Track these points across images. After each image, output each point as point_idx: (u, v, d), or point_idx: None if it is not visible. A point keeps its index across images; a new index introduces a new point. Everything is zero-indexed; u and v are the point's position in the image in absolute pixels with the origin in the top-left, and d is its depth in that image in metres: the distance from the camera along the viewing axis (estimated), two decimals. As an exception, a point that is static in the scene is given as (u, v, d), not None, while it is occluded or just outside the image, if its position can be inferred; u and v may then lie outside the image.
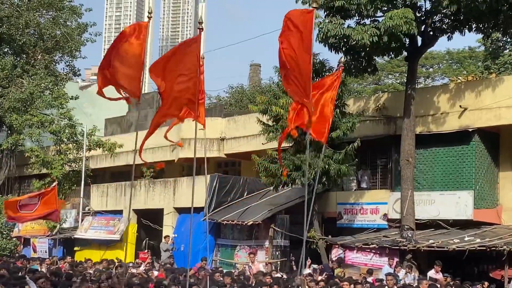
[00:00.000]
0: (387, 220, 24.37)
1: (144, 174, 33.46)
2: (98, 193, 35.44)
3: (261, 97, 25.51)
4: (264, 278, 18.07)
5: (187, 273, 12.84)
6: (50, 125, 35.67)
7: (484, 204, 22.69)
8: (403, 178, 22.58)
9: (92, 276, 18.31)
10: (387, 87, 46.97)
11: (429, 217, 23.02)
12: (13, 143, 37.05)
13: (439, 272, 19.68)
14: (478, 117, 22.71)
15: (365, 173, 25.94)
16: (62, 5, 39.71)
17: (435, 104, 23.89)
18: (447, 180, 23.17)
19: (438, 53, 51.15)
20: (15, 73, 37.16)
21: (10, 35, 37.77)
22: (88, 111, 43.95)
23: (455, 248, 20.22)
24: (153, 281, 17.70)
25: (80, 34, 40.61)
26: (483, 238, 20.88)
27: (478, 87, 23.31)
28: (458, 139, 23.01)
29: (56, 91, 37.23)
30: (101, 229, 32.55)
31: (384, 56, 25.42)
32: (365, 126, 24.60)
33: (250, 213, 26.32)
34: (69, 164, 35.94)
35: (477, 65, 48.07)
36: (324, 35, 21.53)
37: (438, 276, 19.47)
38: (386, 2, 21.74)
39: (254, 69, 69.84)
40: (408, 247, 21.33)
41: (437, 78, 51.35)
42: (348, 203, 25.72)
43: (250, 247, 25.93)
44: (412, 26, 20.71)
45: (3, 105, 36.02)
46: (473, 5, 20.44)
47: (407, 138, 22.47)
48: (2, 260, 25.23)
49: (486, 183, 22.89)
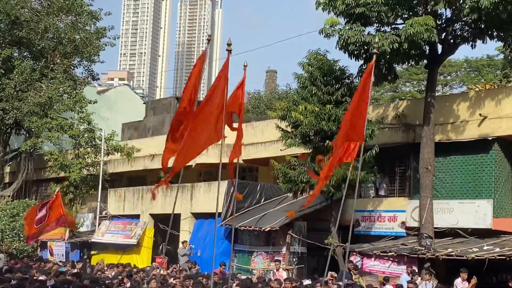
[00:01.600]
0: (405, 228, 24.32)
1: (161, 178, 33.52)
2: (115, 197, 35.57)
3: (280, 103, 25.55)
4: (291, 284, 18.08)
5: (211, 277, 12.78)
6: (70, 129, 35.91)
7: (503, 213, 22.65)
8: (422, 186, 22.54)
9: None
10: (404, 95, 46.87)
11: (447, 226, 22.97)
12: (32, 146, 37.24)
13: (466, 281, 19.56)
14: (498, 126, 22.65)
15: (384, 181, 25.91)
16: (81, 10, 39.93)
17: (454, 112, 23.86)
18: (466, 188, 23.14)
19: (456, 61, 51.00)
20: (34, 77, 37.38)
21: (30, 39, 38.02)
22: (105, 116, 44.19)
23: (474, 257, 20.14)
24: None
25: (99, 38, 40.83)
26: (502, 248, 20.79)
27: (498, 95, 23.27)
28: (477, 148, 22.98)
29: (75, 95, 37.45)
30: (118, 233, 32.71)
31: (404, 64, 25.38)
32: (384, 134, 24.60)
33: (267, 219, 26.36)
34: (87, 168, 36.17)
35: (495, 73, 47.88)
36: (344, 42, 21.57)
37: (465, 284, 19.36)
38: (406, 10, 21.80)
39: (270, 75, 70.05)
40: (427, 255, 21.26)
41: (455, 86, 51.18)
42: (366, 211, 25.71)
43: (267, 253, 25.97)
44: (433, 34, 20.72)
45: (22, 109, 36.22)
46: (494, 13, 20.41)
47: (426, 146, 22.45)
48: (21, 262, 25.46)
49: (505, 192, 22.85)
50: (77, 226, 34.58)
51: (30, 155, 39.34)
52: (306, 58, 24.41)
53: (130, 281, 18.65)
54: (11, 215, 35.33)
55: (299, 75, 24.56)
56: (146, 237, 32.01)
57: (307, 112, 22.96)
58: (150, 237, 31.96)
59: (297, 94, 25.18)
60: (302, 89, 24.27)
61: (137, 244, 31.59)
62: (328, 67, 23.77)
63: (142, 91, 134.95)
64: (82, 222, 35.99)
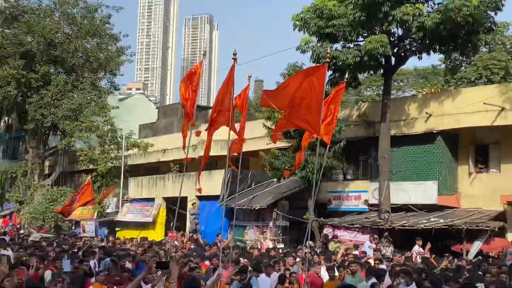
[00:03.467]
0: (367, 205, 24.37)
1: (172, 169, 33.53)
2: (135, 184, 35.50)
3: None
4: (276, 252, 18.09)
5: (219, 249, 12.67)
6: (96, 130, 35.89)
7: (446, 192, 22.72)
8: (381, 171, 22.61)
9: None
10: (366, 98, 46.90)
11: (402, 202, 23.02)
12: (66, 144, 37.17)
13: (421, 247, 19.21)
14: (441, 122, 22.73)
15: (350, 167, 25.98)
16: (104, 33, 39.80)
17: (406, 111, 23.91)
18: (416, 172, 23.19)
19: (407, 70, 51.01)
20: (67, 88, 37.22)
21: (63, 58, 37.84)
22: (125, 119, 44.01)
23: (423, 227, 20.28)
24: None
25: (119, 56, 40.70)
26: (445, 219, 20.91)
27: (440, 97, 23.37)
28: (424, 140, 23.04)
29: (100, 102, 37.38)
30: (137, 213, 32.70)
31: (365, 73, 25.42)
32: (350, 130, 24.61)
33: (257, 200, 26.37)
34: (111, 161, 36.14)
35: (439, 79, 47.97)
36: (316, 56, 21.60)
37: (421, 249, 18.99)
38: (366, 30, 21.81)
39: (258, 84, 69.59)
40: (385, 226, 21.36)
41: (406, 90, 51.23)
42: (336, 191, 25.75)
43: (258, 227, 26.01)
44: (387, 49, 20.79)
45: (58, 114, 36.09)
46: (436, 31, 20.54)
47: (384, 139, 22.50)
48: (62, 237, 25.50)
49: (447, 174, 22.92)
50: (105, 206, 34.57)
51: (65, 151, 39.27)
52: (286, 69, 24.38)
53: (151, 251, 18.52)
54: (50, 200, 35.32)
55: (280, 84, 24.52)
56: (160, 216, 32.01)
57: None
58: (163, 216, 31.94)
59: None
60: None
61: (152, 222, 31.57)
62: (304, 76, 23.74)
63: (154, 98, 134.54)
64: (108, 204, 35.95)
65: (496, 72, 38.43)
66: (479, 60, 38.79)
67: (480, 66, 38.90)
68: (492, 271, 12.99)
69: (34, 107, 36.81)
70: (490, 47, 39.84)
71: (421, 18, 20.38)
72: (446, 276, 11.60)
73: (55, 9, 39.17)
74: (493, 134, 22.52)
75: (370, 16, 21.18)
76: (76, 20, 38.69)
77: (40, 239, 23.10)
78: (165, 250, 17.87)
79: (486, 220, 20.37)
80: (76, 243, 21.13)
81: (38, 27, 36.64)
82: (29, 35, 37.72)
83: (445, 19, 20.00)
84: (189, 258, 14.02)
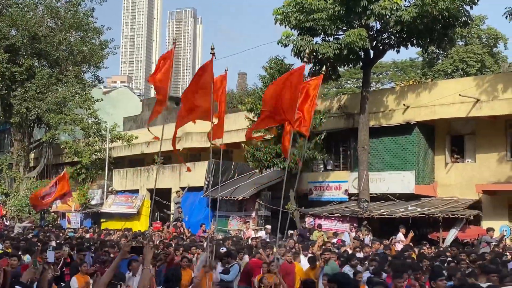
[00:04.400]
0: (347, 195, 24.51)
1: (156, 161, 33.45)
2: (119, 176, 35.36)
3: (248, 99, 25.55)
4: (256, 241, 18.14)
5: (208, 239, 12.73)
6: (81, 123, 35.67)
7: (423, 181, 22.90)
8: (360, 161, 22.74)
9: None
10: (346, 90, 47.11)
11: (380, 192, 23.19)
12: (51, 137, 36.93)
13: (404, 235, 19.15)
14: (418, 113, 22.90)
15: (330, 158, 26.07)
16: (87, 26, 39.47)
17: (384, 103, 24.06)
18: (394, 162, 23.33)
19: (386, 63, 51.35)
20: (51, 81, 36.91)
21: (47, 51, 37.52)
22: (109, 111, 43.73)
23: (401, 215, 20.45)
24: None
25: (102, 49, 40.40)
26: (422, 208, 21.10)
27: (418, 89, 23.54)
28: (402, 131, 23.17)
29: (84, 95, 37.13)
30: (121, 205, 32.54)
31: (345, 66, 25.52)
32: (330, 121, 24.70)
33: (240, 191, 26.43)
34: (96, 154, 35.98)
35: (416, 72, 48.35)
36: (297, 50, 21.63)
37: (402, 237, 18.99)
38: (345, 23, 21.86)
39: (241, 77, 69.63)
40: (364, 215, 21.54)
41: (385, 83, 51.56)
42: (317, 182, 25.87)
43: (240, 217, 26.08)
44: (365, 42, 20.88)
45: (42, 107, 35.78)
46: (413, 25, 20.68)
47: (363, 130, 22.61)
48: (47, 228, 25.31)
49: (424, 164, 23.11)
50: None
51: (49, 144, 38.96)
52: (268, 62, 24.42)
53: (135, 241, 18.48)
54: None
55: (263, 76, 24.57)
56: (144, 207, 31.92)
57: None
58: (147, 207, 31.86)
59: (262, 91, 25.19)
60: (265, 87, 24.28)
61: (137, 213, 31.48)
62: (285, 69, 23.78)
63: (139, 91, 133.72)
64: (93, 196, 35.81)
65: (472, 64, 38.87)
66: (455, 53, 39.19)
67: (456, 59, 39.31)
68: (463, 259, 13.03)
69: (18, 100, 36.47)
70: (466, 41, 40.29)
71: (399, 12, 20.51)
72: (407, 264, 11.48)
73: (38, 3, 38.75)
74: (468, 125, 22.77)
75: (349, 10, 21.23)
76: (59, 13, 38.28)
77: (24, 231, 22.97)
78: (152, 241, 17.88)
79: (461, 209, 20.59)
80: (60, 235, 21.03)
81: (22, 20, 36.25)
82: (13, 28, 37.30)
83: (422, 13, 20.15)
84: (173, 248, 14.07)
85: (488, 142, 21.96)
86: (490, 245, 16.85)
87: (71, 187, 35.75)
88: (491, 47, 41.75)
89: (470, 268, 11.53)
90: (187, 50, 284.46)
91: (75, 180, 36.16)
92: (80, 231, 24.01)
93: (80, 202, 34.74)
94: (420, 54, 43.94)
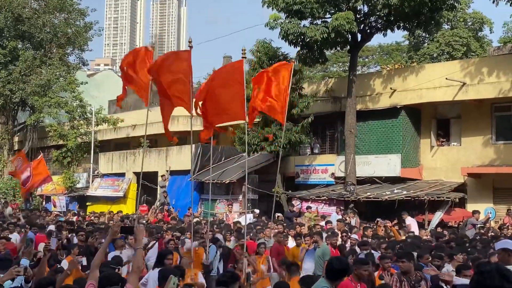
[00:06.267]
0: (334, 178, 24.62)
1: (142, 144, 33.30)
2: (105, 160, 35.19)
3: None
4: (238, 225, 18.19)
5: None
6: (65, 106, 35.41)
7: (409, 164, 23.07)
8: (347, 145, 22.84)
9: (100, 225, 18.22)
10: (332, 74, 47.15)
11: (366, 175, 23.30)
12: (35, 120, 36.62)
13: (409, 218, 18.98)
14: (404, 97, 23.00)
15: (317, 141, 26.16)
16: (72, 8, 39.03)
17: (371, 87, 24.13)
18: (381, 146, 23.48)
19: (372, 47, 51.38)
20: (35, 64, 36.52)
21: (31, 33, 37.09)
22: (94, 94, 43.34)
23: (387, 198, 20.60)
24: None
25: (87, 31, 40.01)
26: (408, 191, 21.25)
27: (404, 73, 23.62)
28: (389, 114, 23.28)
29: (69, 78, 36.81)
30: (107, 188, 32.44)
31: (332, 49, 25.50)
32: (317, 105, 24.74)
33: (227, 174, 26.43)
34: (81, 137, 35.79)
35: (402, 55, 48.47)
36: (285, 33, 21.57)
37: (412, 220, 18.90)
38: (333, 6, 21.86)
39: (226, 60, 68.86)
40: (351, 198, 21.67)
41: (371, 66, 51.65)
42: (304, 165, 25.96)
43: (227, 200, 26.11)
44: (353, 26, 20.88)
45: (26, 90, 35.43)
46: (401, 9, 20.68)
47: (350, 113, 22.68)
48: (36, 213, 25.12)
49: (410, 148, 23.26)
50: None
51: (34, 127, 38.64)
52: (255, 46, 24.33)
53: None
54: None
55: (250, 59, 24.49)
56: (130, 191, 31.84)
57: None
58: (133, 190, 31.80)
59: (248, 75, 25.11)
60: (252, 70, 24.17)
61: (123, 196, 31.41)
62: (273, 52, 23.77)
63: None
64: (78, 180, 35.64)
65: (458, 48, 39.04)
66: (441, 36, 39.31)
67: (442, 43, 39.46)
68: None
69: (2, 82, 36.06)
70: (452, 24, 40.40)
71: (387, -5, 20.50)
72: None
73: (21, -16, 38.13)
74: (454, 108, 22.93)
75: (337, -7, 21.21)
76: (43, -6, 37.82)
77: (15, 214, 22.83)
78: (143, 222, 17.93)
79: (447, 192, 20.81)
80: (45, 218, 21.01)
81: (5, 1, 35.73)
82: (-4, 10, 36.76)
83: (410, -4, 20.16)
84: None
85: (474, 125, 22.15)
86: (475, 227, 17.09)
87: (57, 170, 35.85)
88: (476, 31, 41.94)
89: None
90: (171, 32, 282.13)
91: (61, 164, 35.93)
92: (69, 215, 23.91)
93: (66, 185, 34.57)
94: (406, 38, 44.04)
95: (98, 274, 6.18)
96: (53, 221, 19.43)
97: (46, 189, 34.89)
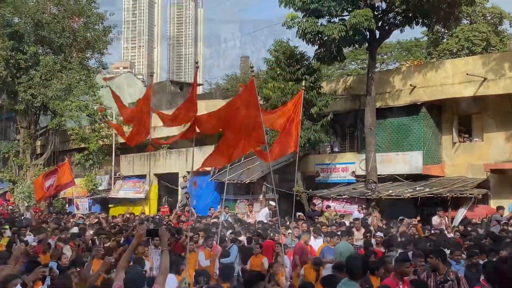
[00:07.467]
0: (355, 176, 24.53)
1: (162, 146, 33.46)
2: (126, 162, 35.40)
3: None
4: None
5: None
6: (86, 109, 35.69)
7: (431, 161, 22.90)
8: (367, 143, 22.71)
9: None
10: (351, 72, 46.90)
11: (388, 173, 23.19)
12: (57, 124, 36.94)
13: (441, 217, 18.82)
14: (425, 93, 22.83)
15: (337, 140, 26.06)
16: (90, 12, 39.31)
17: (390, 84, 23.97)
18: (402, 143, 23.31)
19: (391, 43, 51.01)
20: (56, 68, 36.78)
21: (50, 38, 37.38)
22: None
23: (409, 196, 20.47)
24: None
25: (106, 35, 40.27)
26: (431, 188, 21.11)
27: (424, 69, 23.41)
28: (409, 111, 23.12)
29: (89, 82, 37.09)
30: (129, 190, 32.64)
31: (350, 47, 25.35)
32: (336, 103, 24.63)
33: (247, 174, 26.43)
34: (102, 140, 36.01)
35: (421, 52, 48.04)
36: (302, 32, 21.50)
37: (442, 220, 18.70)
38: (350, 4, 21.72)
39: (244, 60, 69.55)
40: (372, 196, 21.57)
41: (390, 63, 51.29)
42: (324, 164, 25.87)
43: (248, 200, 26.11)
44: (371, 23, 20.73)
45: (47, 94, 35.75)
46: (419, 4, 20.51)
47: (369, 111, 22.55)
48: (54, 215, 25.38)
49: (432, 144, 23.08)
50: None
51: (56, 131, 38.96)
52: (273, 45, 24.29)
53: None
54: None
55: (268, 59, 24.45)
56: (152, 192, 32.01)
57: (274, 89, 22.94)
58: (155, 192, 31.96)
59: (267, 74, 25.11)
60: (270, 70, 24.18)
61: (145, 198, 31.57)
62: (290, 52, 23.68)
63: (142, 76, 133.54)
64: (100, 182, 35.89)
65: (478, 43, 38.57)
66: (460, 32, 38.87)
67: (461, 38, 39.00)
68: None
69: (23, 87, 36.40)
70: (471, 19, 39.94)
71: (405, -9, 20.34)
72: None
73: (40, -11, 38.52)
74: (476, 104, 22.63)
75: (354, -10, 21.09)
76: (62, 0, 38.12)
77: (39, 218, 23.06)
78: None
79: (470, 188, 20.60)
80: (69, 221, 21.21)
81: (24, 7, 36.11)
82: (16, 15, 37.14)
83: (428, -9, 19.97)
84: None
85: (496, 121, 21.89)
86: (500, 224, 16.86)
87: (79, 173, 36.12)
88: (496, 25, 41.40)
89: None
90: (188, 34, 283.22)
91: (83, 166, 36.23)
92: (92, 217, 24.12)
93: (88, 188, 34.85)
94: (425, 34, 43.64)
95: (124, 275, 6.20)
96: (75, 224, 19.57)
97: (68, 192, 35.24)
